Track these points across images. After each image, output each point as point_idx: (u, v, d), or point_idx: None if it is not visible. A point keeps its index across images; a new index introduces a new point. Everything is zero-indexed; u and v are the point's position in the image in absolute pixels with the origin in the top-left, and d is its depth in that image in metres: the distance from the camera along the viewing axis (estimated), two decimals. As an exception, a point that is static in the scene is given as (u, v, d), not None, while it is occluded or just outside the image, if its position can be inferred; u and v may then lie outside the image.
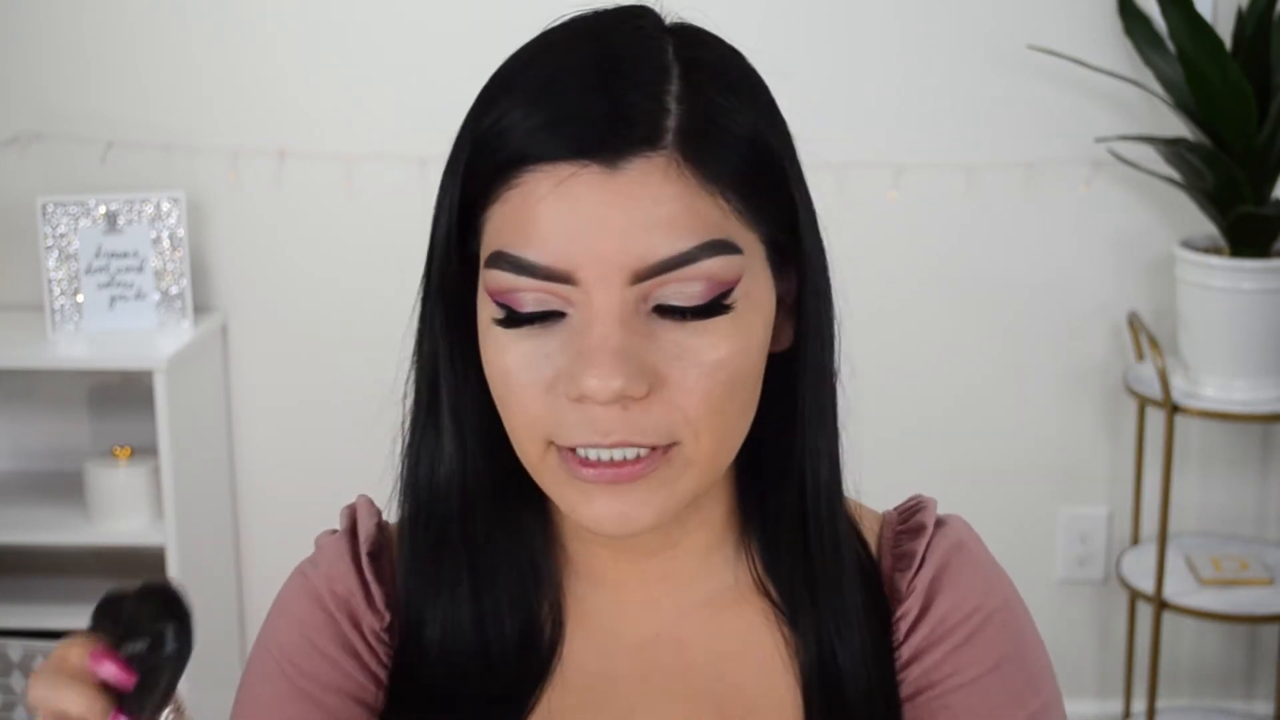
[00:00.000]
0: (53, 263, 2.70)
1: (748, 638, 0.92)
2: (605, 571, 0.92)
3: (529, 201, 0.80)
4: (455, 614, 0.90)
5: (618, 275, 0.79)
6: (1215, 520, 2.86)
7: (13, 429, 2.92)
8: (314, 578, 0.94)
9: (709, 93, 0.82)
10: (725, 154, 0.81)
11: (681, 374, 0.80)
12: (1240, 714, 2.88)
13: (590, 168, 0.79)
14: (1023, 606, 0.95)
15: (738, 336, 0.82)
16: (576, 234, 0.79)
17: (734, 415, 0.83)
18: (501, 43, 0.90)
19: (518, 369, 0.82)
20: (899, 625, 0.91)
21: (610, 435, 0.80)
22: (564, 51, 0.83)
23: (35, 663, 2.72)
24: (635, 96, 0.80)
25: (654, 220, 0.79)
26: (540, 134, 0.80)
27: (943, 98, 2.74)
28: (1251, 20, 2.52)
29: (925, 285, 2.78)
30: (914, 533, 0.94)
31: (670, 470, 0.82)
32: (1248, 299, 2.49)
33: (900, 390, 2.81)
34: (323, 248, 2.84)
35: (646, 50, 0.83)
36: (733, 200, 0.81)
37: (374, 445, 2.92)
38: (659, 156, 0.79)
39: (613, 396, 0.79)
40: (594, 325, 0.79)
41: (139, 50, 2.79)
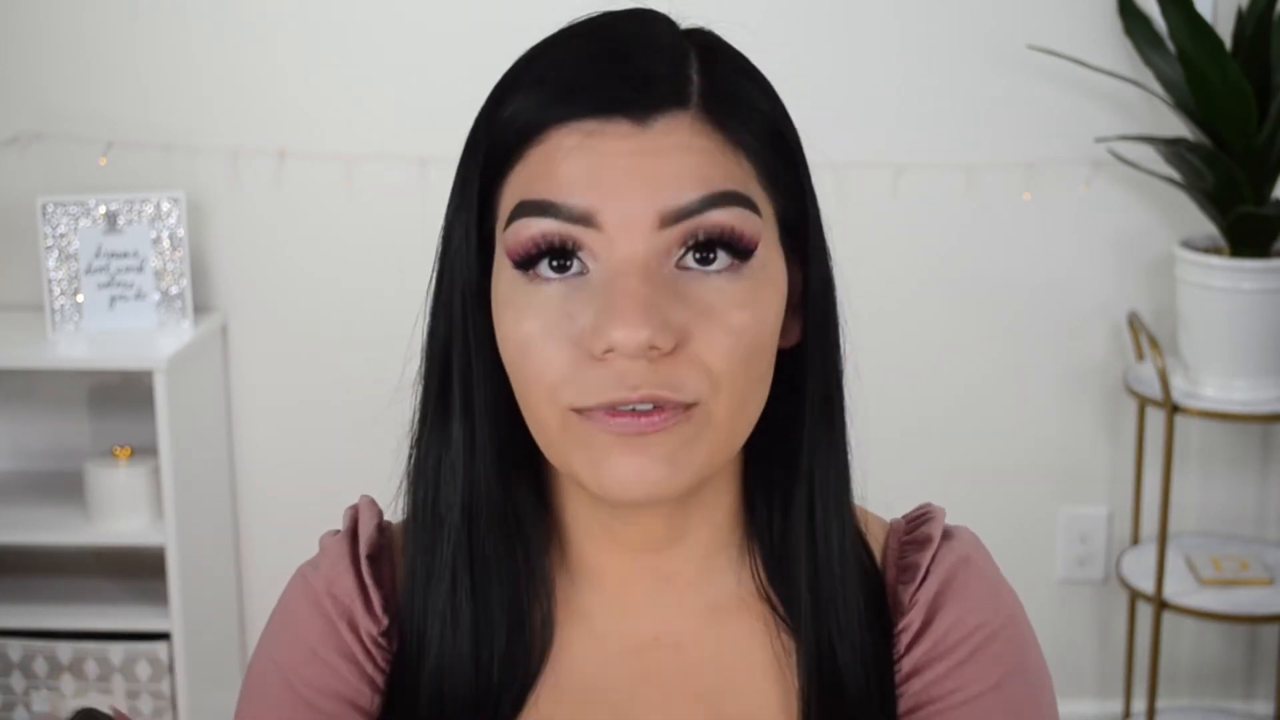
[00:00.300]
0: (53, 263, 2.70)
1: (748, 644, 0.91)
2: (607, 569, 0.91)
3: (551, 154, 0.81)
4: (450, 616, 0.90)
5: (643, 221, 0.79)
6: (1215, 520, 2.86)
7: (13, 429, 2.92)
8: (314, 580, 0.94)
9: (726, 70, 0.84)
10: (747, 122, 0.83)
11: (706, 331, 0.81)
12: (1240, 714, 2.88)
13: (619, 121, 0.80)
14: (1027, 624, 0.94)
15: (759, 302, 0.82)
16: (602, 179, 0.80)
17: (752, 383, 0.83)
18: (501, 43, 0.90)
19: (538, 331, 0.81)
20: (900, 638, 0.91)
21: (638, 389, 0.79)
22: (578, 40, 0.85)
23: (35, 663, 2.72)
24: (658, 63, 0.82)
25: (681, 169, 0.80)
26: (560, 99, 0.81)
27: (943, 98, 2.74)
28: (1251, 20, 2.52)
29: (925, 285, 2.78)
30: (920, 544, 0.93)
31: (690, 428, 0.81)
32: (1248, 299, 2.49)
33: (900, 390, 2.81)
34: (323, 248, 2.84)
35: (662, 33, 0.85)
36: (754, 166, 0.83)
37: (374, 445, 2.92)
38: (685, 114, 0.81)
39: (640, 348, 0.78)
40: (619, 278, 0.79)
41: (139, 50, 2.79)
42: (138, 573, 2.80)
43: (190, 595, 2.67)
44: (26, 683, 2.72)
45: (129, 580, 2.79)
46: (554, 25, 0.89)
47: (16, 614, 2.72)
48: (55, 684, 2.72)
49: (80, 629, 2.71)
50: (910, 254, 2.77)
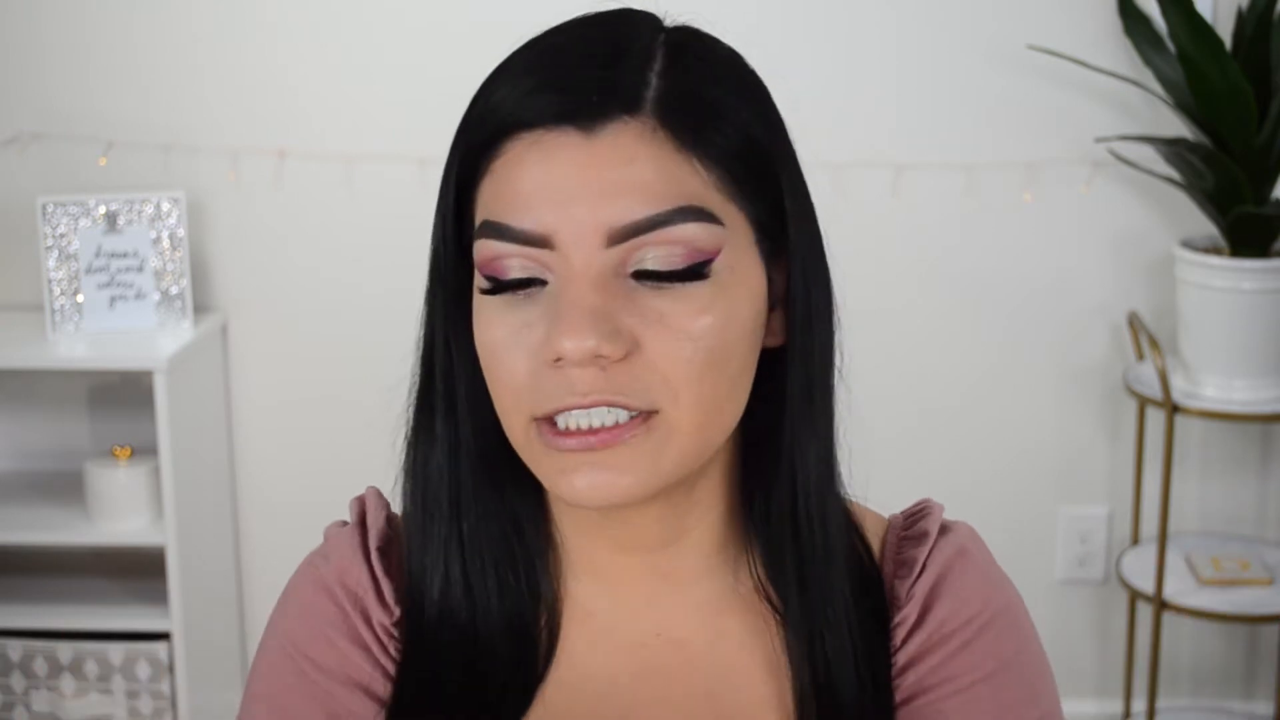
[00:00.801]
0: (53, 263, 2.70)
1: (746, 641, 0.91)
2: (606, 566, 0.92)
3: (511, 169, 0.82)
4: (453, 612, 0.90)
5: (593, 237, 0.80)
6: (1215, 520, 2.86)
7: (13, 429, 2.92)
8: (325, 571, 0.94)
9: (692, 72, 0.83)
10: (705, 127, 0.82)
11: (660, 338, 0.81)
12: (1240, 714, 2.88)
13: (568, 131, 0.80)
14: (1024, 614, 0.94)
15: (719, 308, 0.82)
16: (553, 197, 0.80)
17: (718, 388, 0.83)
18: (502, 42, 0.91)
19: (503, 340, 0.83)
20: (897, 631, 0.91)
21: (588, 395, 0.80)
22: (553, 36, 0.85)
23: (35, 663, 2.72)
24: (618, 69, 0.82)
25: (629, 183, 0.80)
26: (523, 102, 0.82)
27: (943, 98, 2.74)
28: (1251, 20, 2.52)
29: (925, 285, 2.78)
30: (917, 539, 0.94)
31: (651, 440, 0.82)
32: (1248, 299, 2.49)
33: (900, 390, 2.81)
34: (323, 248, 2.84)
35: (634, 35, 0.84)
36: (714, 173, 0.82)
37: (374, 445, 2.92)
38: (635, 121, 0.81)
39: (586, 356, 0.79)
40: (569, 288, 0.80)
41: (139, 50, 2.79)
42: (138, 573, 2.80)
43: (190, 595, 2.67)
44: (26, 683, 2.72)
45: (129, 580, 2.79)
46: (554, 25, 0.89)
47: (16, 614, 2.72)
48: (55, 684, 2.72)
49: (80, 629, 2.71)
50: (910, 254, 2.77)
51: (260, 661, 0.95)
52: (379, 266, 2.83)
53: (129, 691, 2.70)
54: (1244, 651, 2.92)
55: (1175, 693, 2.91)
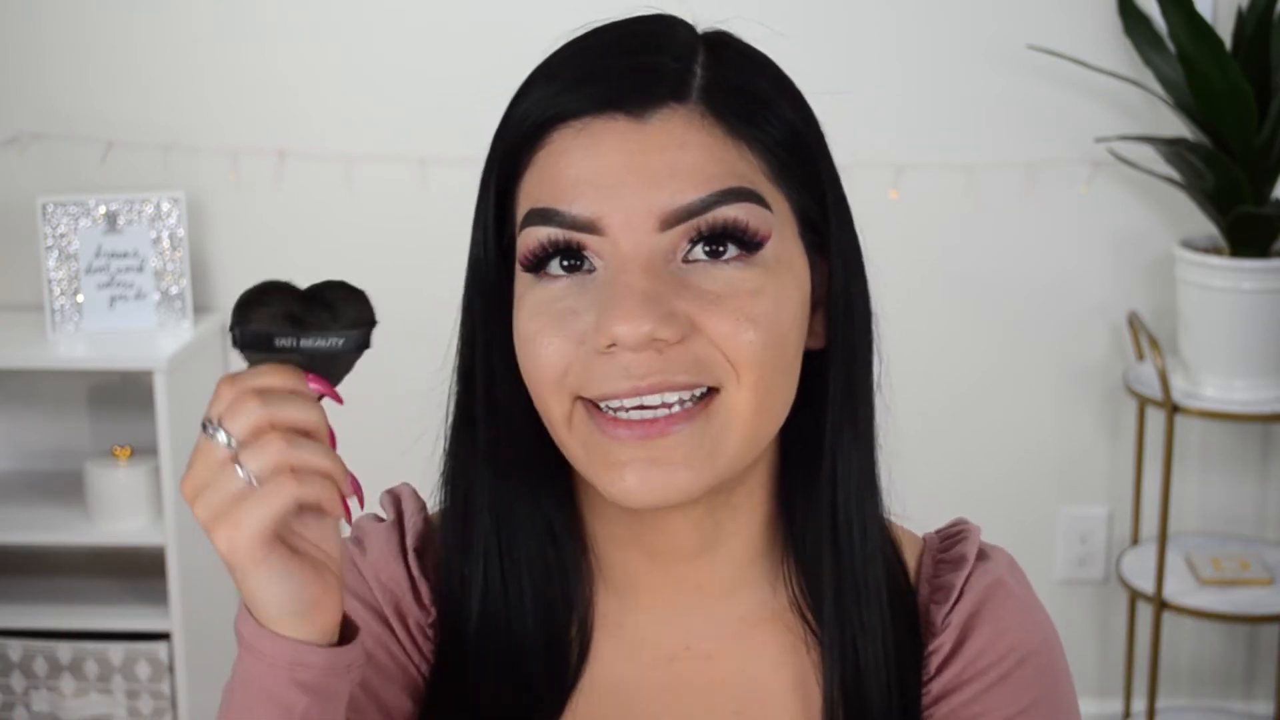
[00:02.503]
0: (53, 263, 2.70)
1: (777, 658, 0.90)
2: (639, 578, 0.90)
3: (556, 157, 0.81)
4: (488, 618, 0.90)
5: (644, 222, 0.79)
6: (1215, 520, 2.86)
7: (13, 429, 2.92)
8: (362, 565, 0.94)
9: (734, 66, 0.84)
10: (751, 114, 0.82)
11: (719, 318, 0.80)
12: (1240, 714, 2.88)
13: (616, 118, 0.80)
14: (1059, 651, 0.93)
15: (771, 291, 0.81)
16: (603, 183, 0.79)
17: (776, 372, 0.82)
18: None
19: (546, 325, 0.81)
20: (930, 660, 0.89)
21: (647, 378, 0.79)
22: (586, 41, 0.85)
23: (35, 663, 2.72)
24: (662, 58, 0.82)
25: (679, 167, 0.79)
26: (565, 94, 0.81)
27: (943, 98, 2.74)
28: (1251, 20, 2.52)
29: (925, 285, 2.78)
30: (954, 564, 0.92)
31: (710, 425, 0.81)
32: (1248, 299, 2.49)
33: (900, 390, 2.80)
34: (323, 248, 2.84)
35: (674, 32, 0.85)
36: (762, 159, 0.82)
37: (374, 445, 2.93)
38: (683, 108, 0.81)
39: (642, 340, 0.78)
40: (621, 273, 0.79)
41: (139, 50, 2.79)
42: (138, 573, 2.80)
43: (190, 595, 2.67)
44: (26, 683, 2.72)
45: (129, 580, 2.79)
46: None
47: (16, 614, 2.72)
48: (55, 684, 2.72)
49: (80, 629, 2.71)
50: (910, 254, 2.77)
51: None
52: (379, 266, 2.83)
53: (129, 691, 2.70)
54: (1244, 651, 2.92)
55: (1175, 693, 2.91)
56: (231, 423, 0.75)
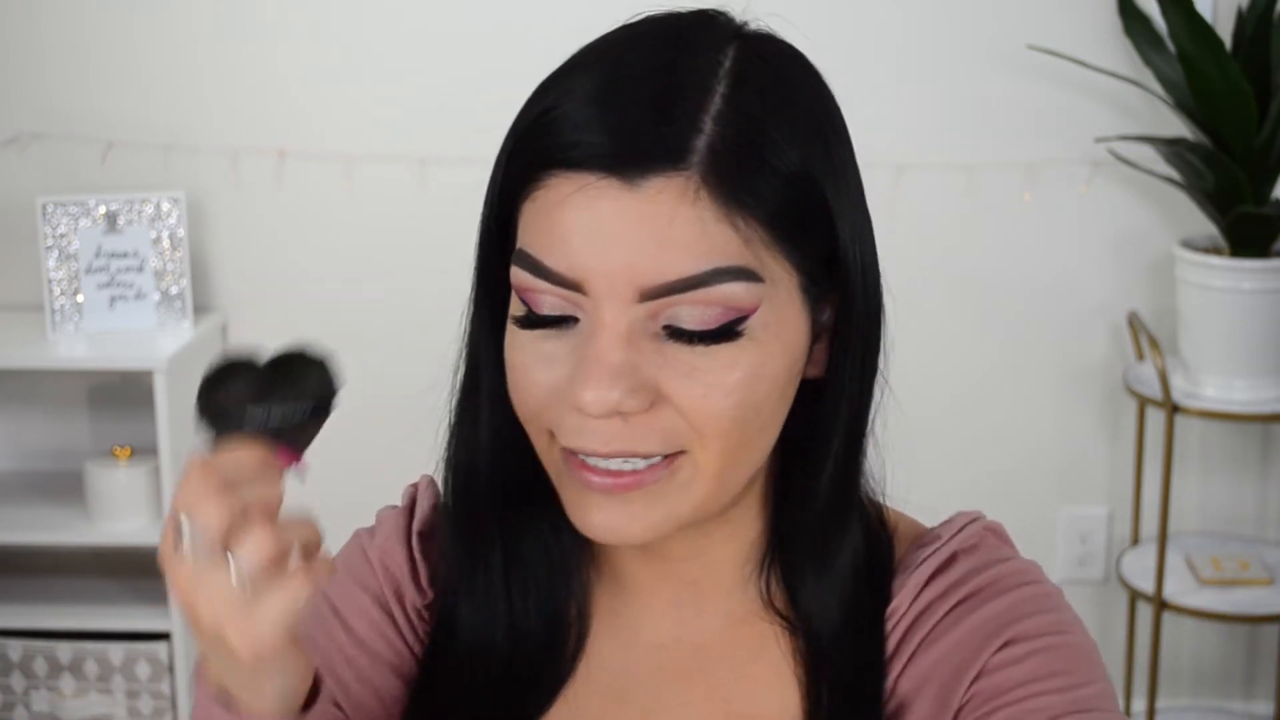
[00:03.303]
0: (53, 263, 2.70)
1: (762, 648, 0.92)
2: (634, 572, 0.92)
3: (552, 205, 0.80)
4: (486, 603, 0.91)
5: (626, 291, 0.78)
6: (1215, 520, 2.86)
7: (13, 429, 2.92)
8: (370, 549, 0.97)
9: (750, 115, 0.80)
10: (756, 182, 0.79)
11: (688, 391, 0.80)
12: (1240, 714, 2.88)
13: (610, 181, 0.78)
14: (1030, 573, 0.91)
15: (749, 364, 0.80)
16: (590, 245, 0.78)
17: (745, 439, 0.82)
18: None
19: (526, 365, 0.82)
20: (887, 623, 0.90)
21: (610, 444, 0.80)
22: (620, 55, 0.82)
23: (35, 663, 2.72)
24: (666, 111, 0.78)
25: (667, 241, 0.77)
26: (572, 139, 0.79)
27: (943, 98, 2.74)
28: (1251, 20, 2.52)
29: (925, 285, 2.78)
30: (929, 542, 0.93)
31: (674, 482, 0.82)
32: (1248, 299, 2.49)
33: (899, 390, 2.80)
34: (323, 248, 2.84)
35: (699, 63, 0.81)
36: (761, 229, 0.79)
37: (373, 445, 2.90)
38: (680, 177, 0.77)
39: (606, 411, 0.78)
40: (596, 338, 0.79)
41: (139, 50, 2.79)
42: (138, 573, 2.80)
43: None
44: (26, 683, 2.72)
45: (129, 580, 2.79)
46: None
47: (16, 614, 2.72)
48: (55, 684, 2.72)
49: (80, 629, 2.71)
50: (910, 254, 2.77)
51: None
52: (379, 266, 2.83)
53: (129, 691, 2.70)
54: (1244, 651, 2.92)
55: (1175, 693, 2.91)
56: (210, 513, 0.72)
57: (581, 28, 0.90)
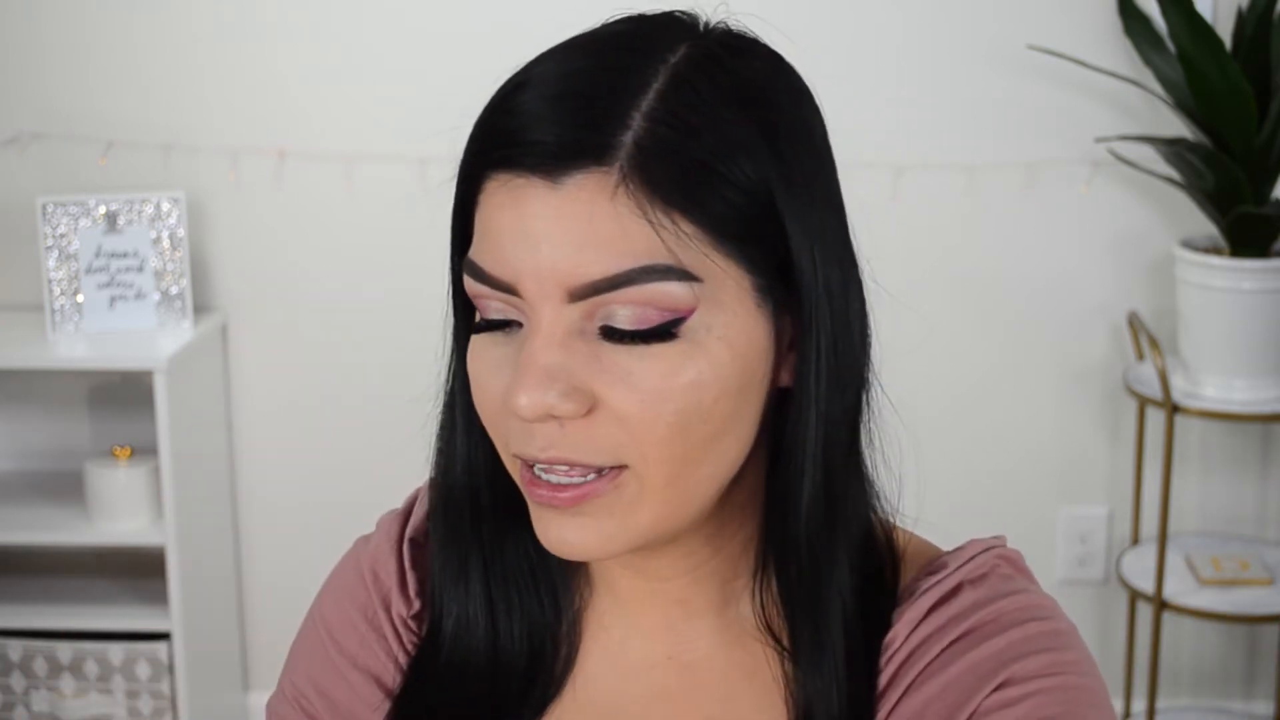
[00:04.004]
0: (53, 263, 2.70)
1: (755, 668, 0.90)
2: (623, 589, 0.91)
3: (490, 208, 0.80)
4: (469, 617, 0.91)
5: (555, 292, 0.77)
6: (1215, 520, 2.86)
7: (13, 429, 2.92)
8: (363, 556, 0.96)
9: (684, 114, 0.77)
10: (686, 179, 0.76)
11: (624, 398, 0.77)
12: (1240, 714, 2.88)
13: (534, 180, 0.77)
14: (1044, 609, 0.87)
15: (691, 368, 0.78)
16: (519, 246, 0.77)
17: (691, 448, 0.79)
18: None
19: (481, 376, 0.82)
20: (882, 654, 0.86)
21: (547, 450, 0.79)
22: (570, 55, 0.81)
23: (35, 663, 2.72)
24: (593, 109, 0.77)
25: (588, 238, 0.76)
26: (506, 140, 0.79)
27: (943, 98, 2.74)
28: (1251, 20, 2.52)
29: (925, 285, 2.78)
30: (936, 570, 0.89)
31: (619, 497, 0.80)
32: (1248, 299, 2.49)
33: (899, 390, 2.80)
34: (323, 248, 2.84)
35: (642, 60, 0.79)
36: (694, 227, 0.77)
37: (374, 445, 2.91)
38: (601, 173, 0.76)
39: (538, 414, 0.77)
40: (530, 341, 0.78)
41: (139, 50, 2.79)
42: (138, 573, 2.80)
43: (190, 595, 2.67)
44: (26, 683, 2.72)
45: (129, 580, 2.79)
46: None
47: (16, 614, 2.72)
48: (55, 684, 2.72)
49: (80, 629, 2.71)
50: (910, 254, 2.77)
51: (300, 634, 0.98)
52: (379, 266, 2.83)
53: (129, 691, 2.70)
54: (1244, 651, 2.92)
55: (1175, 693, 2.91)
56: None
57: (581, 28, 0.90)
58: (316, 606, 0.98)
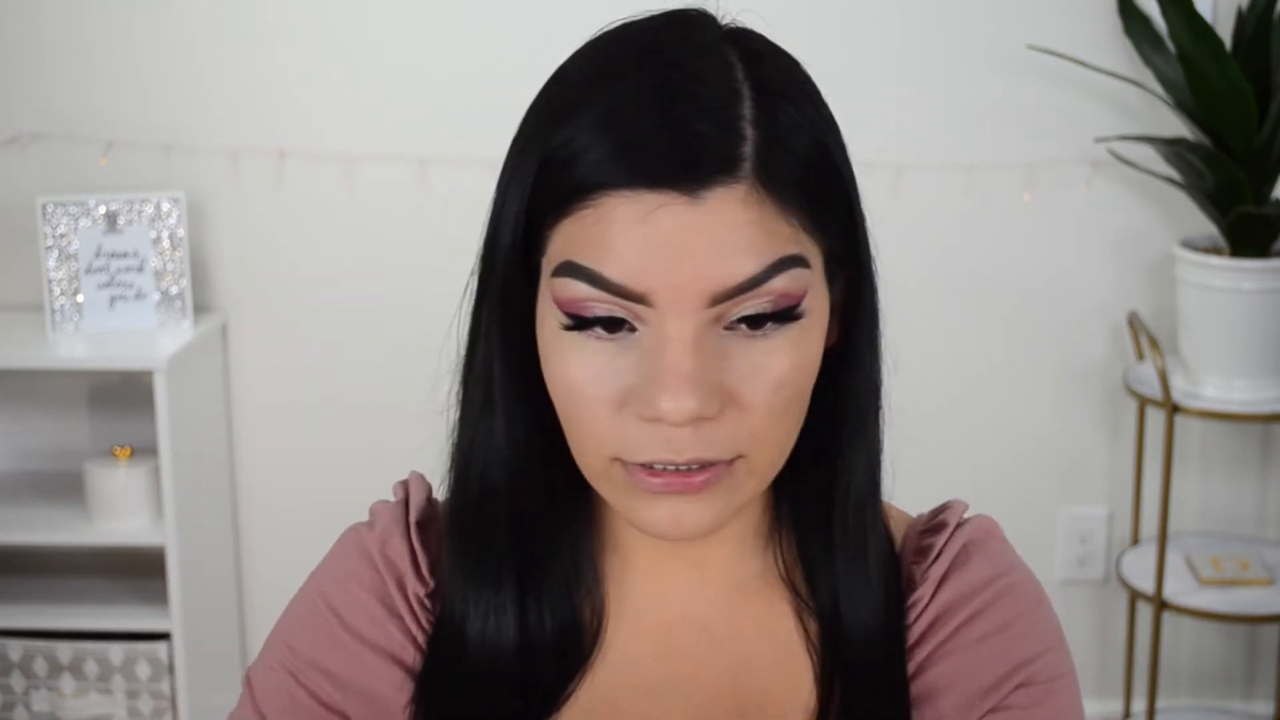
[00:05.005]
0: (53, 263, 2.70)
1: (772, 623, 0.93)
2: (642, 553, 0.93)
3: (605, 224, 0.80)
4: (498, 608, 0.92)
5: (695, 300, 0.80)
6: (1215, 520, 2.86)
7: (13, 429, 2.92)
8: (369, 540, 0.97)
9: (780, 114, 0.83)
10: (797, 175, 0.82)
11: (751, 390, 0.82)
12: (1240, 714, 2.88)
13: (671, 195, 0.79)
14: (1037, 586, 0.96)
15: (802, 348, 0.83)
16: (655, 259, 0.79)
17: (790, 428, 0.85)
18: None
19: (585, 381, 0.83)
20: (910, 611, 0.93)
21: (684, 453, 0.81)
22: (627, 70, 0.83)
23: (35, 663, 2.72)
24: (710, 123, 0.80)
25: (732, 246, 0.80)
26: (615, 162, 0.80)
27: (943, 98, 2.74)
28: (1251, 20, 2.52)
29: (925, 285, 2.78)
30: (936, 529, 0.96)
31: (733, 480, 0.84)
32: (1248, 299, 2.49)
33: (899, 390, 2.81)
34: (323, 248, 2.84)
35: (714, 69, 0.83)
36: (802, 217, 0.82)
37: (374, 445, 2.91)
38: (737, 185, 0.80)
39: (687, 419, 0.80)
40: (668, 348, 0.80)
41: (139, 50, 2.79)
42: (138, 573, 2.80)
43: (190, 595, 2.67)
44: (26, 683, 2.72)
45: (129, 580, 2.79)
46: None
47: (16, 614, 2.72)
48: (55, 684, 2.72)
49: (80, 629, 2.71)
50: (910, 254, 2.77)
51: (291, 615, 0.98)
52: (379, 266, 2.83)
53: (129, 691, 2.70)
54: (1244, 651, 2.92)
55: (1175, 693, 2.91)
56: None
57: (581, 29, 0.90)
58: (316, 589, 0.97)
